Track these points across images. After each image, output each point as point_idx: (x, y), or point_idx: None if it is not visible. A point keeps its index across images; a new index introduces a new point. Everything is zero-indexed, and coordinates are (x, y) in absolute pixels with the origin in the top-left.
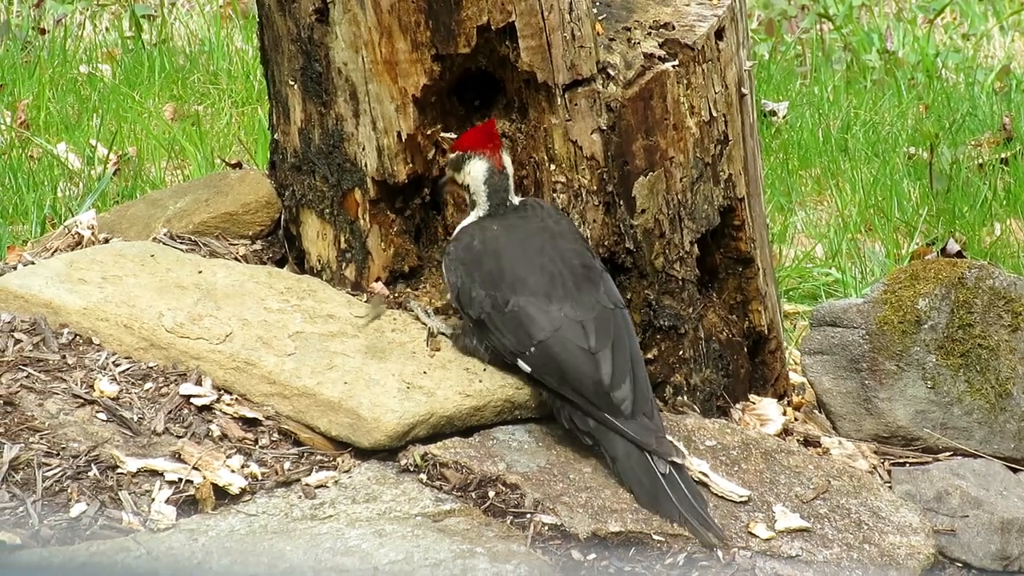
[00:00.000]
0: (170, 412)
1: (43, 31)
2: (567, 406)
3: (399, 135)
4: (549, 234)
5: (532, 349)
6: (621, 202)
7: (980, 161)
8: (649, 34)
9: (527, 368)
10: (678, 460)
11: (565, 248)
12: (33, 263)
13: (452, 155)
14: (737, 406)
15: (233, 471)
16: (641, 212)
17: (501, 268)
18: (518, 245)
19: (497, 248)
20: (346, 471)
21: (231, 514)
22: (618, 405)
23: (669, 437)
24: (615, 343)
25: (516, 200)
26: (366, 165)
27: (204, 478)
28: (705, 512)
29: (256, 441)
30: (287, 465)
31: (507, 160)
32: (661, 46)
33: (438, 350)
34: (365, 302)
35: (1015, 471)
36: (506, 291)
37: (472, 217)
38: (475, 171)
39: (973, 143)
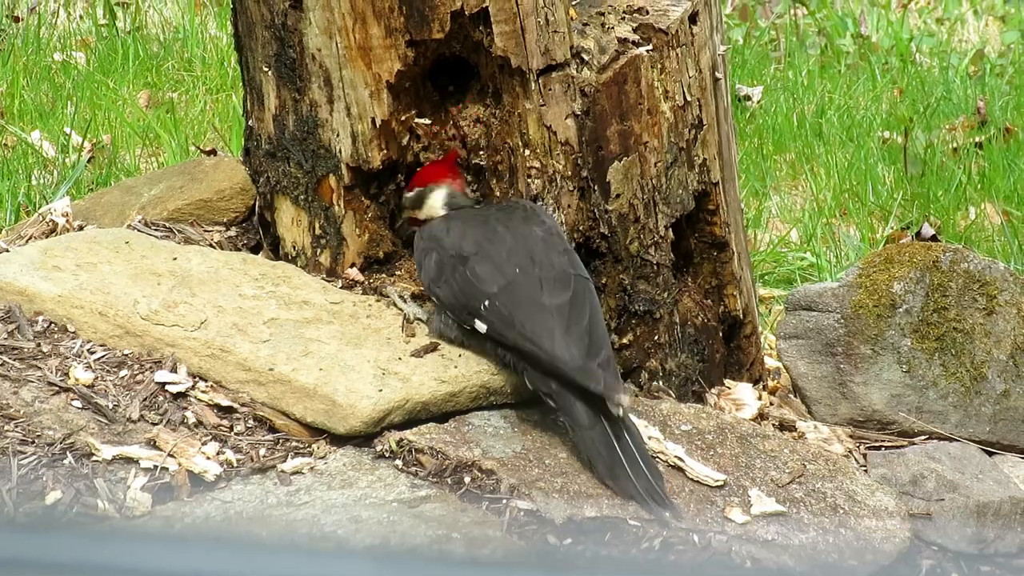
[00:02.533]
0: (145, 399)
1: (17, 19)
2: (528, 366)
3: (373, 121)
4: (510, 210)
5: (486, 303)
6: (596, 187)
7: (954, 145)
8: (623, 19)
9: (483, 327)
10: (626, 401)
11: (528, 219)
12: (7, 251)
13: (410, 194)
14: (712, 391)
15: (208, 458)
16: (616, 197)
17: (463, 234)
18: (479, 218)
19: (460, 220)
20: (321, 457)
21: (206, 501)
22: (571, 356)
23: (619, 385)
24: (572, 298)
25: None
26: (340, 151)
27: (179, 465)
28: (660, 487)
29: (231, 428)
30: (262, 452)
31: (468, 191)
32: (635, 31)
33: (413, 336)
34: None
35: (990, 454)
36: (463, 252)
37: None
38: (435, 198)
39: (947, 127)
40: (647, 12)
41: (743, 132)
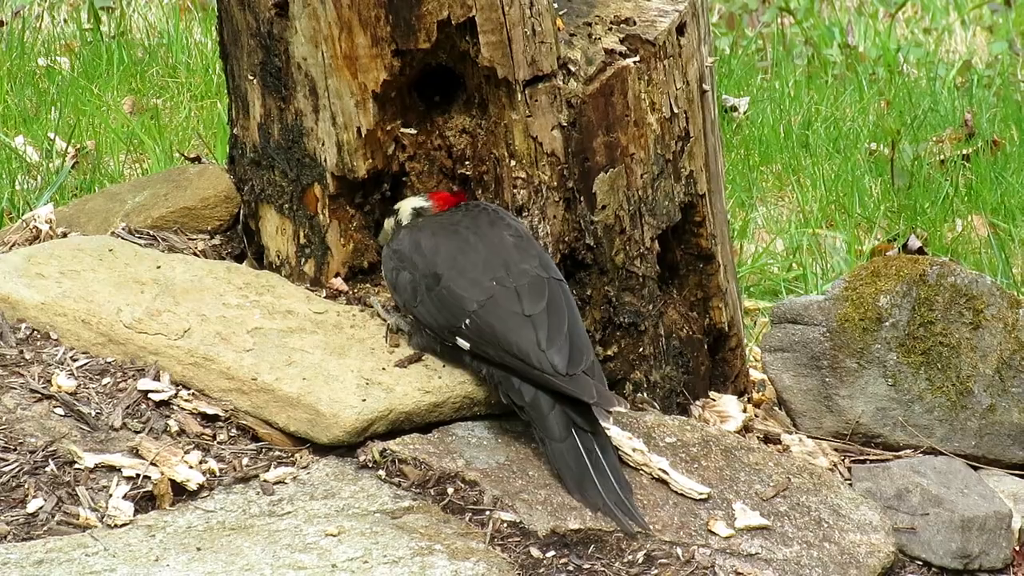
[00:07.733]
0: (128, 407)
1: (1, 23)
2: (507, 377)
3: (359, 131)
4: (475, 215)
5: (467, 321)
6: (582, 198)
7: (941, 157)
8: (610, 29)
9: (466, 344)
10: (620, 408)
11: (496, 223)
12: None
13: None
14: (697, 403)
15: (191, 467)
16: (602, 208)
17: (435, 249)
18: (448, 228)
19: (427, 232)
20: (304, 467)
21: (189, 510)
22: (555, 365)
23: (610, 392)
24: (549, 305)
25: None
26: (325, 160)
27: (162, 474)
28: (629, 500)
29: (214, 437)
30: (245, 461)
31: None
32: (622, 42)
33: (397, 346)
34: None
35: (976, 469)
36: (437, 270)
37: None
38: (409, 204)
39: (934, 139)
40: (634, 23)
41: (729, 143)
